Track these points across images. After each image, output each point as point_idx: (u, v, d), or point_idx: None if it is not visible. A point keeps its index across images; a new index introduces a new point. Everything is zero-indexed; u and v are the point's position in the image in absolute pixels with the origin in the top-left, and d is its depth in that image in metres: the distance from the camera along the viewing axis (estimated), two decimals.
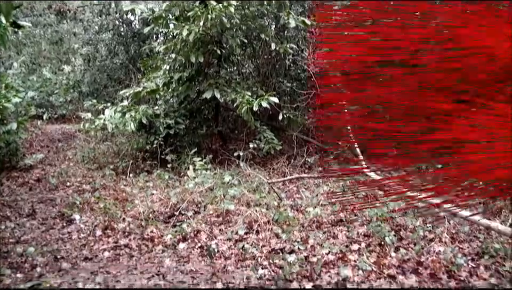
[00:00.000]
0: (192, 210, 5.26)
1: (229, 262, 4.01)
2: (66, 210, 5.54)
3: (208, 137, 8.38)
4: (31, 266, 3.96)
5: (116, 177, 7.02)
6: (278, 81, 8.28)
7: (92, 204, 5.71)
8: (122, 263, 4.11)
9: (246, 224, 4.73)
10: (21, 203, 5.98)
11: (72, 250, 4.44)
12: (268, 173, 7.02)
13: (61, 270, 3.91)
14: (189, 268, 3.89)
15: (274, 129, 7.90)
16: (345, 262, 3.90)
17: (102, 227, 4.94)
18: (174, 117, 7.53)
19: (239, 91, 6.98)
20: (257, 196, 5.52)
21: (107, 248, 4.46)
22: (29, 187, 6.85)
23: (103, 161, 8.02)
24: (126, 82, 10.79)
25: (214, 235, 4.57)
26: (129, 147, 8.21)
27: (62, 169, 7.75)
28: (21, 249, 4.25)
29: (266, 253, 4.11)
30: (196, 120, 8.04)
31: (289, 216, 4.89)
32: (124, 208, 5.44)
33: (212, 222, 4.90)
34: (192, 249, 4.36)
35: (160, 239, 4.57)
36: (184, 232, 4.61)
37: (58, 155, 9.08)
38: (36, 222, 5.32)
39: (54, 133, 11.02)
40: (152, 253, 4.32)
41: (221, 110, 8.46)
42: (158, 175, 6.71)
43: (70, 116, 12.18)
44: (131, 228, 4.85)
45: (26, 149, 9.04)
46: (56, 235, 4.90)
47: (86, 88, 12.01)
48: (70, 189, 6.72)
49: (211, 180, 6.09)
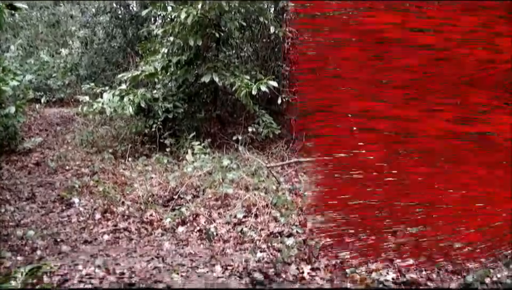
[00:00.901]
0: (191, 194, 5.28)
1: (227, 245, 4.04)
2: (65, 193, 5.56)
3: (207, 121, 8.36)
4: (31, 249, 3.99)
5: (114, 161, 7.02)
6: (277, 65, 8.23)
7: (91, 188, 5.73)
8: (122, 246, 4.15)
9: (244, 208, 4.76)
10: (20, 186, 6.00)
11: (72, 233, 4.47)
12: (267, 157, 7.03)
13: (61, 252, 3.94)
14: (188, 251, 3.93)
15: (273, 113, 7.88)
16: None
17: (101, 210, 4.96)
18: (172, 101, 7.50)
19: (237, 75, 6.94)
20: (256, 180, 5.53)
21: (106, 231, 4.49)
22: (28, 171, 6.85)
23: (102, 144, 8.01)
24: (124, 65, 10.72)
25: (212, 219, 4.59)
26: (128, 131, 8.19)
27: (61, 152, 7.75)
28: (21, 232, 4.27)
29: (264, 236, 4.14)
30: (195, 104, 8.01)
31: (288, 199, 4.91)
32: (123, 191, 5.46)
33: (210, 206, 4.92)
34: (191, 232, 4.39)
35: (159, 223, 4.60)
36: (183, 216, 4.63)
37: (57, 139, 9.06)
38: (36, 205, 5.34)
39: (52, 116, 10.99)
40: (152, 236, 4.35)
41: (220, 93, 8.42)
42: (157, 159, 6.72)
43: (68, 99, 12.11)
44: (130, 211, 4.88)
45: (25, 133, 9.02)
46: (56, 218, 4.93)
47: (83, 71, 11.92)
48: (69, 173, 6.73)
49: (210, 164, 6.10)
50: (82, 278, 3.26)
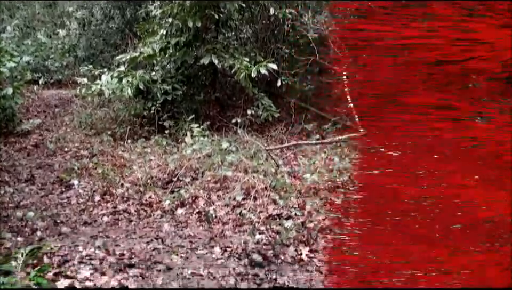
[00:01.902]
0: (190, 176, 5.29)
1: (226, 227, 4.06)
2: (64, 175, 5.57)
3: (206, 104, 8.33)
4: (31, 230, 4.01)
5: (113, 143, 7.01)
6: (276, 47, 8.16)
7: (90, 170, 5.73)
8: (121, 227, 4.17)
9: (243, 190, 4.77)
10: (19, 168, 6.00)
11: (72, 215, 4.49)
12: (266, 140, 7.02)
13: (61, 234, 3.96)
14: (187, 233, 3.95)
15: (272, 96, 7.85)
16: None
17: (100, 192, 4.98)
18: (171, 83, 7.45)
19: (237, 57, 6.89)
20: (255, 163, 5.54)
21: (106, 213, 4.51)
22: (26, 153, 6.85)
23: (101, 127, 7.99)
24: (122, 47, 10.62)
25: (211, 201, 4.61)
26: (127, 113, 8.16)
27: (60, 134, 7.74)
28: (20, 214, 4.29)
29: (263, 219, 4.16)
30: (194, 86, 7.97)
31: (287, 182, 4.92)
32: (122, 173, 5.47)
33: (209, 188, 4.94)
34: (190, 214, 4.42)
35: (158, 204, 4.62)
36: (182, 198, 4.65)
37: (55, 120, 9.04)
38: (35, 187, 5.35)
39: (51, 98, 10.93)
40: (151, 218, 4.38)
41: (219, 76, 8.37)
42: (156, 141, 6.71)
43: (66, 81, 12.03)
44: (129, 193, 4.89)
45: (23, 114, 8.98)
46: (55, 200, 4.94)
47: (81, 52, 11.81)
48: (68, 155, 6.73)
49: (209, 147, 6.10)
50: (82, 259, 3.28)
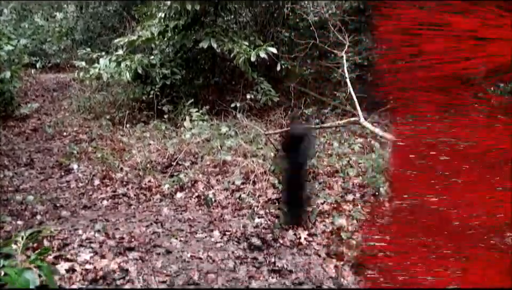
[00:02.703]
0: (189, 161, 5.29)
1: (226, 211, 4.08)
2: (63, 159, 5.57)
3: (205, 88, 8.29)
4: (31, 214, 4.02)
5: (112, 127, 7.00)
6: (276, 31, 8.10)
7: (89, 154, 5.73)
8: (121, 211, 4.18)
9: (242, 175, 4.78)
10: (18, 152, 5.99)
11: (71, 199, 4.50)
12: (265, 125, 7.01)
13: (61, 217, 3.98)
14: (187, 217, 3.97)
15: (271, 80, 7.81)
16: (340, 211, 3.98)
17: (100, 176, 4.98)
18: (170, 67, 7.41)
19: (236, 41, 6.83)
20: (254, 147, 5.54)
21: (105, 197, 4.52)
22: (25, 137, 6.84)
23: (99, 111, 7.97)
24: (120, 30, 10.52)
25: (211, 185, 4.62)
26: (125, 98, 8.13)
27: (58, 118, 7.72)
28: (20, 197, 4.30)
29: (262, 203, 4.18)
30: (192, 71, 7.92)
31: None
32: (121, 158, 5.47)
33: (209, 172, 4.95)
34: (190, 198, 4.43)
35: (158, 189, 4.63)
36: (182, 182, 4.66)
37: (54, 104, 9.00)
38: (34, 171, 5.36)
39: (49, 82, 10.87)
40: (150, 202, 4.39)
41: (218, 60, 8.31)
42: (155, 126, 6.70)
43: (64, 65, 11.96)
44: (129, 178, 4.90)
45: (21, 98, 8.94)
46: (55, 184, 4.95)
47: (79, 36, 11.71)
48: (67, 139, 6.72)
49: (208, 131, 6.09)
50: (82, 242, 3.30)
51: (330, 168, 5.04)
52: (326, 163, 5.17)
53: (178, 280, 2.88)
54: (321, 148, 5.75)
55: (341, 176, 4.83)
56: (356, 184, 4.60)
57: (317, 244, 3.47)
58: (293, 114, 3.34)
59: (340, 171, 4.93)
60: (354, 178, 4.72)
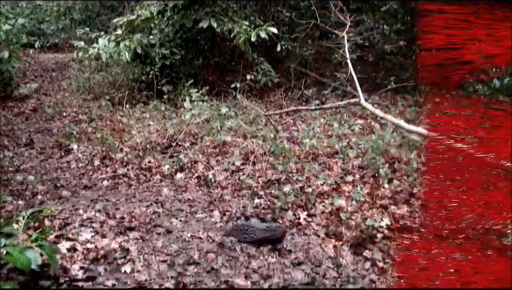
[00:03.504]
0: (189, 141, 5.30)
1: (225, 192, 4.10)
2: (63, 140, 5.57)
3: (205, 68, 8.24)
4: (32, 194, 4.05)
5: (112, 108, 6.98)
6: (276, 10, 8.00)
7: (89, 135, 5.73)
8: (121, 191, 4.20)
9: (242, 155, 4.79)
10: (18, 132, 5.99)
11: (72, 179, 4.52)
12: (265, 105, 6.99)
13: (61, 197, 4.00)
14: (187, 197, 3.99)
15: (271, 60, 7.76)
16: (340, 192, 3.99)
17: (100, 157, 4.99)
18: (169, 47, 7.34)
19: (236, 20, 6.76)
20: (254, 128, 5.53)
21: (106, 177, 4.54)
22: (25, 117, 6.82)
23: (99, 91, 7.93)
24: (119, 9, 10.38)
25: (211, 166, 4.64)
26: (125, 78, 8.09)
27: (58, 99, 7.69)
28: (20, 177, 4.32)
29: (262, 183, 4.20)
30: (192, 51, 7.86)
31: (286, 147, 4.93)
32: (121, 138, 5.47)
33: (208, 153, 4.95)
34: (190, 179, 4.45)
35: (157, 169, 4.65)
36: (182, 163, 4.67)
37: (53, 85, 8.96)
38: (34, 151, 5.36)
39: (47, 62, 10.80)
40: (150, 182, 4.41)
41: (218, 40, 8.23)
42: (155, 106, 6.68)
43: (62, 45, 11.86)
44: (129, 158, 4.91)
45: (20, 79, 8.89)
46: (55, 164, 4.96)
47: (77, 15, 11.57)
48: (67, 119, 6.71)
49: (208, 112, 6.08)
50: (83, 222, 3.33)
51: (330, 149, 5.04)
52: (325, 144, 5.17)
53: (179, 259, 2.91)
54: (322, 129, 5.74)
55: (341, 157, 4.83)
56: (356, 165, 4.61)
57: (316, 225, 3.49)
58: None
59: (339, 152, 4.94)
60: (354, 160, 4.73)
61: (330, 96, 7.57)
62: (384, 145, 4.92)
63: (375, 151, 4.77)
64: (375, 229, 3.35)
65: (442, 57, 1.15)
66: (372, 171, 4.39)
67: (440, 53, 1.15)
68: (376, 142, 4.92)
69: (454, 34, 1.12)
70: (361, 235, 3.25)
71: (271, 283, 2.72)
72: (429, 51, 1.22)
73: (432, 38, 1.14)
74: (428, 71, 1.26)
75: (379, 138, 5.13)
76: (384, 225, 3.41)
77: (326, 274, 2.85)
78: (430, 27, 1.15)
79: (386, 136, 5.17)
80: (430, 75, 1.27)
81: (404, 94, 7.70)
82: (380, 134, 5.32)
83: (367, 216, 3.56)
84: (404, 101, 7.27)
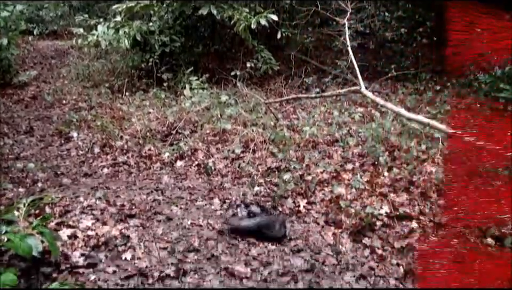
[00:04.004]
0: (189, 129, 5.29)
1: (225, 179, 4.11)
2: (63, 127, 5.57)
3: (205, 56, 8.20)
4: (32, 181, 4.05)
5: (111, 96, 6.97)
6: None
7: (89, 122, 5.72)
8: (121, 179, 4.21)
9: (242, 143, 4.79)
10: (18, 120, 5.99)
11: (72, 167, 4.52)
12: (265, 93, 6.97)
13: (62, 185, 4.01)
14: (187, 185, 4.00)
15: (272, 48, 7.71)
16: (339, 180, 4.00)
17: (100, 144, 4.99)
18: (169, 34, 7.29)
19: (236, 7, 6.70)
20: (254, 116, 5.53)
21: (106, 165, 4.54)
22: (24, 105, 6.81)
23: (98, 79, 7.91)
24: None
25: (211, 154, 4.64)
26: (124, 65, 8.05)
27: (57, 86, 7.67)
28: (21, 165, 4.32)
29: (262, 171, 4.20)
30: (192, 38, 7.81)
31: (286, 135, 4.93)
32: (121, 126, 5.47)
33: (208, 141, 4.95)
34: (190, 166, 4.45)
35: (158, 157, 4.65)
36: (182, 150, 4.67)
37: (52, 72, 8.92)
38: (34, 139, 5.36)
39: (46, 49, 10.74)
40: (151, 170, 4.42)
41: (218, 27, 8.18)
42: (154, 94, 6.66)
43: (61, 32, 11.78)
44: (129, 146, 4.91)
45: (19, 66, 8.86)
46: (55, 152, 4.97)
47: (76, 2, 11.48)
48: (66, 107, 6.70)
49: (208, 99, 6.06)
50: (83, 209, 3.34)
51: (330, 137, 5.04)
52: (325, 132, 5.17)
53: (179, 246, 2.93)
54: (322, 118, 5.74)
55: (341, 145, 4.84)
56: (356, 154, 4.61)
57: (315, 212, 3.51)
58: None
59: (339, 140, 4.94)
60: (354, 148, 4.73)
61: (331, 84, 7.55)
62: (384, 133, 4.91)
63: (375, 139, 4.77)
64: (375, 217, 3.36)
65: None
66: (372, 159, 4.39)
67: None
68: (376, 130, 4.92)
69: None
70: (361, 223, 3.27)
71: (271, 270, 2.74)
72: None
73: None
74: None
75: (379, 126, 5.13)
76: (384, 212, 3.42)
77: (326, 261, 2.87)
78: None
79: (387, 124, 5.17)
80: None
81: (405, 81, 7.68)
82: (380, 122, 5.32)
83: (366, 203, 3.57)
84: (405, 89, 7.26)
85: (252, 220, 3.17)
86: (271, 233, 3.09)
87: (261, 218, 3.18)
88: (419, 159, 4.40)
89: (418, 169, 4.19)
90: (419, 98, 6.60)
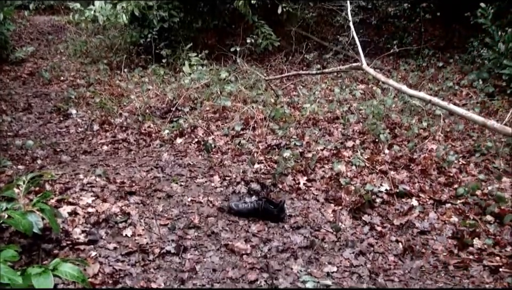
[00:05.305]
0: (188, 106, 5.25)
1: (225, 157, 4.09)
2: (62, 104, 5.52)
3: (204, 32, 8.08)
4: (32, 159, 4.04)
5: (110, 72, 6.90)
6: None
7: (87, 99, 5.68)
8: (121, 156, 4.20)
9: (242, 121, 4.77)
10: (16, 97, 5.93)
11: (71, 144, 4.50)
12: (265, 70, 6.91)
13: (61, 162, 4.00)
14: (187, 162, 3.99)
15: (272, 24, 7.60)
16: (340, 157, 3.99)
17: (99, 122, 4.96)
18: (167, 9, 7.17)
19: None
20: (254, 93, 5.48)
21: (105, 142, 4.52)
22: (22, 81, 6.74)
23: (96, 55, 7.82)
24: None
25: (210, 131, 4.62)
26: (123, 41, 7.96)
27: (55, 63, 7.58)
28: (20, 142, 4.30)
29: (262, 149, 4.19)
30: (191, 13, 7.68)
31: (286, 113, 4.90)
32: (120, 103, 5.42)
33: (208, 118, 4.92)
34: (190, 144, 4.43)
35: (157, 134, 4.63)
36: (181, 128, 4.65)
37: (49, 48, 8.81)
38: (33, 116, 5.33)
39: (43, 24, 10.58)
40: (150, 147, 4.40)
41: (217, 2, 8.04)
42: (153, 70, 6.59)
43: (58, 7, 11.58)
44: (128, 123, 4.88)
45: (16, 42, 8.75)
46: (54, 129, 4.94)
47: None
48: (64, 84, 6.63)
49: (207, 76, 6.00)
50: (83, 186, 3.33)
51: (331, 114, 5.01)
52: (326, 109, 5.13)
53: (179, 223, 2.93)
54: (322, 94, 5.69)
55: (342, 122, 4.81)
56: (356, 131, 4.59)
57: (315, 190, 3.50)
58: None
59: (340, 117, 4.91)
60: (354, 125, 4.70)
61: (332, 60, 7.47)
62: (385, 110, 4.89)
63: (376, 116, 4.75)
64: (374, 194, 3.37)
65: None
66: (372, 137, 4.37)
67: None
68: (377, 107, 4.88)
69: None
70: (361, 200, 3.27)
71: (271, 247, 2.75)
72: None
73: None
74: None
75: (380, 103, 5.10)
76: (384, 190, 3.42)
77: (325, 238, 2.88)
78: None
79: (388, 101, 5.13)
80: None
81: (407, 58, 7.60)
82: (381, 99, 5.28)
83: (366, 181, 3.57)
84: (407, 65, 7.19)
85: (250, 204, 3.14)
86: (269, 217, 3.08)
87: (257, 203, 3.13)
88: (420, 137, 4.38)
89: (419, 146, 4.17)
90: (421, 75, 6.54)
